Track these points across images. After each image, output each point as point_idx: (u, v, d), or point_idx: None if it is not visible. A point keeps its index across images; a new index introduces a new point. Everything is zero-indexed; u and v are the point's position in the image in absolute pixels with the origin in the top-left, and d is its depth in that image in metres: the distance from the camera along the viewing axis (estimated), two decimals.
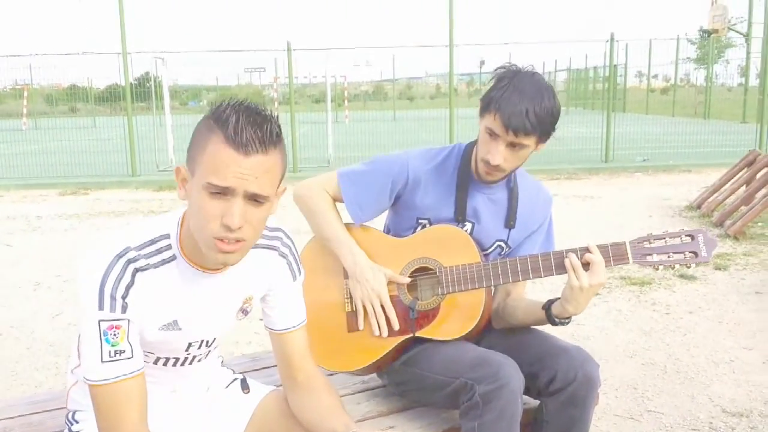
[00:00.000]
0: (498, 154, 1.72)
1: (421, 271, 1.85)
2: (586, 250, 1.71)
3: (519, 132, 1.68)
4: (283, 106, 17.70)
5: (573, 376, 1.69)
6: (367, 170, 1.91)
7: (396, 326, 1.82)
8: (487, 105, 1.73)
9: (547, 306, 1.79)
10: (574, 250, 1.72)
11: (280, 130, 1.24)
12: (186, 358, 1.45)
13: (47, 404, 1.89)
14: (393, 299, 1.84)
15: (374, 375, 1.96)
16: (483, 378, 1.62)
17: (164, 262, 1.29)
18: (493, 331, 1.93)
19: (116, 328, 1.24)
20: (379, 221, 2.07)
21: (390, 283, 1.84)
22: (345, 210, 1.95)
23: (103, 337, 1.23)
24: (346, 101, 22.04)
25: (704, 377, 3.35)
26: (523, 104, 1.66)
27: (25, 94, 19.96)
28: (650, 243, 1.72)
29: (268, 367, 2.09)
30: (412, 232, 1.90)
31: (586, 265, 1.70)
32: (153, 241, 1.29)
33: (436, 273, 1.82)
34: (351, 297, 1.88)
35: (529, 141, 1.72)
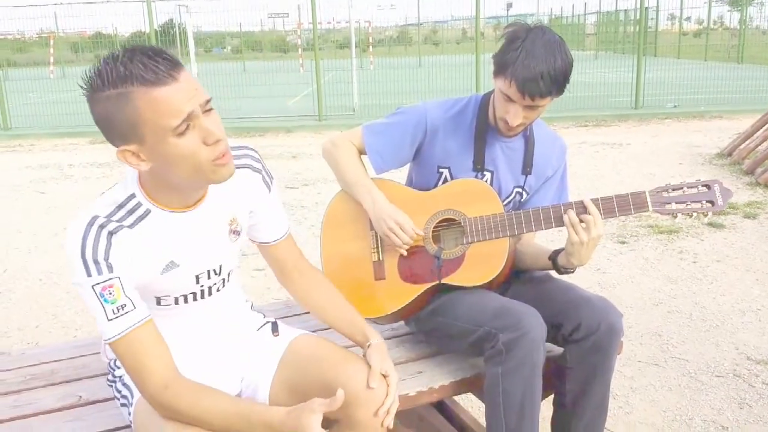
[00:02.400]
0: (516, 116, 1.76)
1: (446, 222, 1.89)
2: (582, 206, 1.76)
3: (535, 96, 1.71)
4: (307, 52, 17.53)
5: (596, 326, 1.73)
6: (388, 122, 1.97)
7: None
8: (500, 69, 1.74)
9: (554, 256, 1.85)
10: (571, 205, 1.77)
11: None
12: (202, 291, 1.50)
13: (91, 347, 1.98)
14: (418, 249, 1.88)
15: (402, 323, 2.02)
16: (506, 327, 1.67)
17: (140, 218, 1.34)
18: (518, 282, 1.97)
19: (110, 287, 1.29)
20: (403, 178, 2.10)
21: (416, 234, 1.87)
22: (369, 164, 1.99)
23: (101, 299, 1.29)
24: (370, 47, 21.73)
25: (730, 325, 3.37)
26: (537, 69, 1.67)
27: (51, 42, 19.99)
28: (669, 192, 1.78)
29: (302, 314, 2.15)
30: (434, 184, 1.94)
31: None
32: (121, 206, 1.33)
33: (460, 224, 1.86)
34: (377, 246, 1.93)
35: (545, 101, 1.75)
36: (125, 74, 1.17)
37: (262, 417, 1.32)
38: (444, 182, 1.93)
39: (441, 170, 1.93)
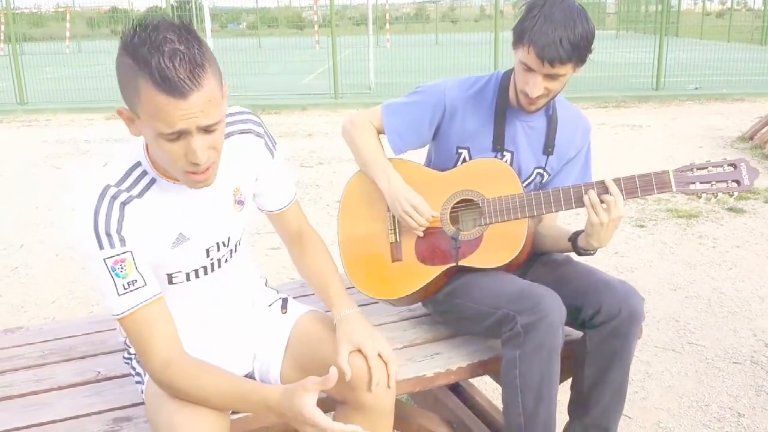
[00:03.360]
0: (536, 86, 1.71)
1: (464, 203, 1.87)
2: (603, 186, 1.71)
3: (555, 62, 1.66)
4: (324, 29, 17.40)
5: (617, 311, 1.70)
6: (407, 101, 1.93)
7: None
8: (519, 37, 1.70)
9: (573, 238, 1.81)
10: (591, 186, 1.72)
11: (204, 46, 1.18)
12: (212, 264, 1.49)
13: (109, 323, 1.99)
14: (436, 230, 1.86)
15: (419, 305, 2.00)
16: (524, 309, 1.65)
17: (146, 188, 1.33)
18: (538, 264, 1.94)
19: (122, 261, 1.28)
20: (421, 159, 2.07)
21: (433, 217, 1.85)
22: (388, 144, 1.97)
23: (112, 273, 1.28)
24: (387, 24, 21.56)
25: (748, 311, 3.33)
26: (556, 33, 1.63)
27: (68, 17, 20.02)
28: (693, 172, 1.72)
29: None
30: (453, 164, 1.91)
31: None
32: (128, 173, 1.32)
33: (478, 204, 1.82)
34: (394, 227, 1.90)
35: (566, 69, 1.70)
36: (144, 58, 1.13)
37: (260, 396, 1.31)
38: (463, 163, 1.90)
39: (460, 151, 1.89)
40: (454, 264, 1.82)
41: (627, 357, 1.77)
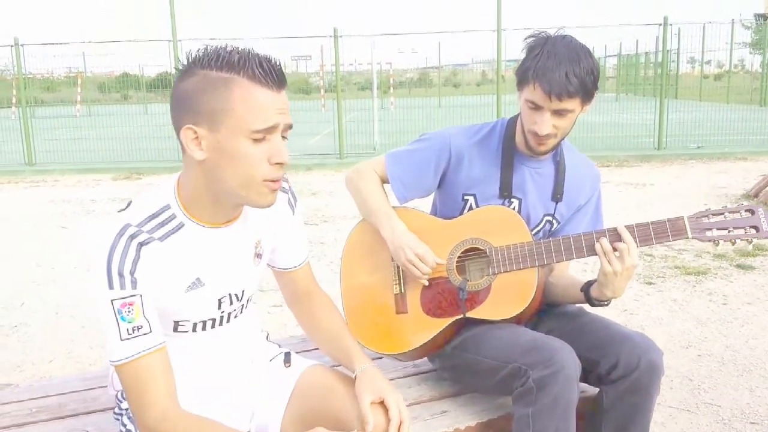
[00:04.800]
0: (544, 124, 1.69)
1: (471, 252, 1.82)
2: (616, 233, 1.66)
3: (562, 96, 1.64)
4: (329, 93, 17.70)
5: (636, 364, 1.63)
6: (411, 149, 1.91)
7: (446, 305, 1.79)
8: (524, 76, 1.69)
9: (586, 288, 1.76)
10: (604, 233, 1.68)
11: None
12: (221, 317, 1.44)
13: (101, 380, 1.92)
14: (442, 280, 1.81)
15: (425, 359, 1.93)
16: (537, 363, 1.57)
17: (172, 232, 1.29)
18: (551, 316, 1.88)
19: (129, 304, 1.23)
20: (427, 207, 2.04)
21: (438, 264, 1.80)
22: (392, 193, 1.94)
23: (118, 316, 1.23)
24: (391, 88, 21.94)
25: (763, 370, 3.23)
26: (561, 68, 1.62)
27: (79, 81, 20.46)
28: (709, 218, 1.68)
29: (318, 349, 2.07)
30: (459, 212, 1.87)
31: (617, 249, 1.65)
32: (153, 216, 1.29)
33: (486, 253, 1.78)
34: (398, 278, 1.85)
35: (573, 104, 1.67)
36: (237, 63, 1.19)
37: None
38: (469, 210, 1.86)
39: (466, 198, 1.86)
40: (461, 316, 1.76)
41: (647, 414, 1.68)
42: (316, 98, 20.75)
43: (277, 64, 1.22)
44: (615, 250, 1.65)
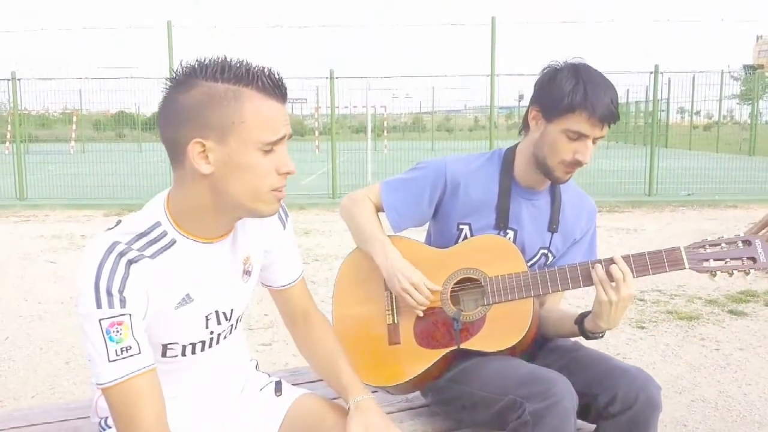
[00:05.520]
0: (589, 152, 1.69)
1: (465, 282, 1.80)
2: (611, 262, 1.65)
3: (610, 123, 1.67)
4: (324, 136, 17.83)
5: (634, 399, 1.60)
6: (406, 177, 1.91)
7: (439, 335, 1.76)
8: (567, 107, 1.66)
9: (580, 320, 1.73)
10: (599, 261, 1.67)
11: None
12: (211, 339, 1.41)
13: (84, 411, 1.87)
14: (436, 311, 1.78)
15: (418, 393, 1.90)
16: (533, 395, 1.54)
17: (164, 249, 1.27)
18: (546, 350, 1.85)
19: (118, 324, 1.19)
20: (421, 237, 2.03)
21: (433, 293, 1.78)
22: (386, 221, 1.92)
23: (106, 336, 1.19)
24: (385, 131, 22.15)
25: (758, 416, 3.19)
26: (607, 95, 1.65)
27: (75, 119, 20.54)
28: (706, 249, 1.67)
29: (311, 381, 2.04)
30: (454, 242, 1.85)
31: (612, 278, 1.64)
32: (143, 234, 1.26)
33: (480, 283, 1.76)
34: (392, 307, 1.83)
35: (607, 130, 1.70)
36: (246, 76, 1.19)
37: None
38: (464, 240, 1.85)
39: (461, 227, 1.84)
40: (456, 347, 1.73)
41: None
42: (311, 140, 20.89)
43: (280, 75, 1.23)
44: (611, 279, 1.63)
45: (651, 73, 12.02)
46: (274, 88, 1.21)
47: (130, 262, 1.22)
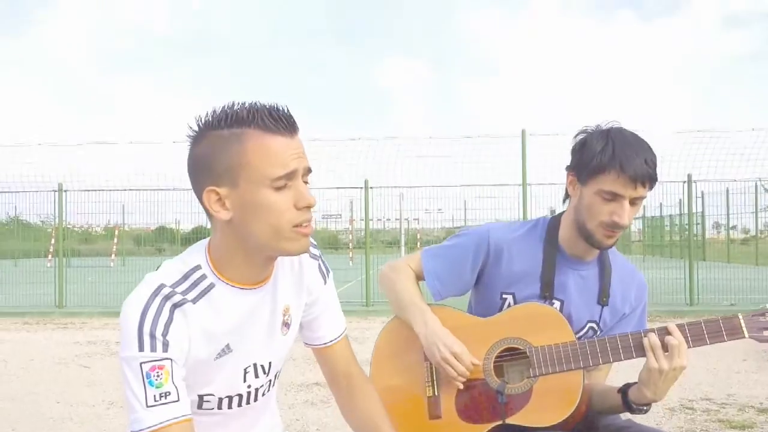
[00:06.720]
0: (625, 213, 1.64)
1: (509, 353, 1.74)
2: (666, 330, 1.59)
3: (646, 182, 1.63)
4: (357, 249, 18.00)
5: None
6: (448, 245, 1.88)
7: (482, 409, 1.68)
8: (598, 167, 1.65)
9: (624, 389, 1.65)
10: (652, 330, 1.61)
11: None
12: (249, 393, 1.37)
13: None
14: (478, 383, 1.72)
15: None
16: None
17: (203, 293, 1.26)
18: (598, 425, 1.75)
19: (159, 368, 1.18)
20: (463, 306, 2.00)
21: (474, 366, 1.72)
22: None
23: (146, 380, 1.17)
24: (418, 243, 22.28)
25: None
26: (640, 155, 1.62)
27: (116, 232, 21.14)
28: (765, 317, 1.61)
29: None
30: (497, 311, 1.79)
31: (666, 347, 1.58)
32: (186, 276, 1.27)
33: (525, 353, 1.69)
34: (432, 379, 1.76)
35: (646, 192, 1.65)
36: (246, 117, 1.20)
37: None
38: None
39: (504, 296, 1.79)
40: (500, 422, 1.65)
41: None
42: (344, 252, 21.10)
43: (286, 110, 1.23)
44: (665, 349, 1.57)
45: (684, 182, 12.05)
46: (276, 122, 1.20)
47: (174, 306, 1.22)
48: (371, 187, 12.20)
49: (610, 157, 1.63)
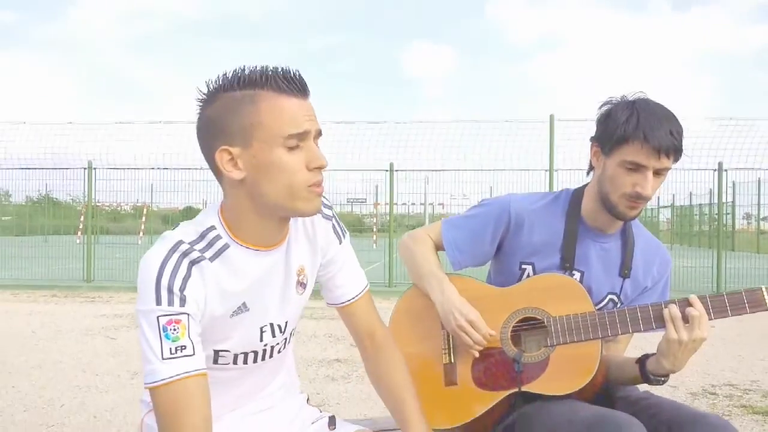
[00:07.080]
0: (648, 183, 1.62)
1: (527, 322, 1.73)
2: (687, 302, 1.57)
3: (669, 152, 1.60)
4: (381, 233, 18.04)
5: None
6: (469, 215, 1.87)
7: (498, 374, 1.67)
8: (622, 137, 1.62)
9: (643, 360, 1.63)
10: (674, 301, 1.59)
11: None
12: (264, 351, 1.38)
13: None
14: (495, 351, 1.71)
15: None
16: None
17: (218, 253, 1.27)
18: (614, 398, 1.73)
19: (176, 322, 1.19)
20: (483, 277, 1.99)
21: (491, 335, 1.71)
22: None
23: (162, 333, 1.18)
24: None
25: None
26: (665, 125, 1.59)
27: (145, 211, 21.43)
28: None
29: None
30: (516, 281, 1.78)
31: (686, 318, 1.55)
32: (202, 236, 1.28)
33: (543, 324, 1.68)
34: (448, 347, 1.76)
35: (670, 163, 1.62)
36: (260, 79, 1.21)
37: None
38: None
39: (524, 266, 1.78)
40: (516, 389, 1.64)
41: None
42: (368, 236, 21.17)
43: (298, 74, 1.24)
44: (685, 320, 1.55)
45: (715, 170, 11.84)
46: (290, 84, 1.22)
47: (192, 263, 1.23)
48: (396, 170, 12.18)
49: (634, 127, 1.60)
